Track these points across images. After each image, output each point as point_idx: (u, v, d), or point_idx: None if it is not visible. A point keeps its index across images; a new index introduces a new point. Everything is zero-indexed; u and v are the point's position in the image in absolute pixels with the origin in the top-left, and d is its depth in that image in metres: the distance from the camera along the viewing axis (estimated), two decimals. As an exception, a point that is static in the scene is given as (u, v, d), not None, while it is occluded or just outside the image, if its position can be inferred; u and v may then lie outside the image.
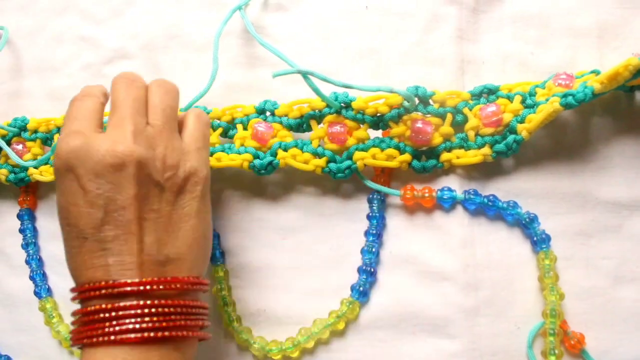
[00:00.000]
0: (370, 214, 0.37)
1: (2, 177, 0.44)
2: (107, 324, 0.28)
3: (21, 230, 0.45)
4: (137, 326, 0.28)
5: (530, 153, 0.37)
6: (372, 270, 0.37)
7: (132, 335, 0.28)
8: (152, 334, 0.28)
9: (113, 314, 0.28)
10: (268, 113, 0.40)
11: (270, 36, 0.42)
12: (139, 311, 0.28)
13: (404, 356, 0.36)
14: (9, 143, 0.44)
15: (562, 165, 0.36)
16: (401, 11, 0.40)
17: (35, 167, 0.43)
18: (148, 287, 0.28)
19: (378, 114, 0.37)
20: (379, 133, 0.38)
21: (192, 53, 0.44)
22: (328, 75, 0.35)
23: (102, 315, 0.28)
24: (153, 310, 0.28)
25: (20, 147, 0.44)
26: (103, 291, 0.28)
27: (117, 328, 0.28)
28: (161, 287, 0.29)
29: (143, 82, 0.33)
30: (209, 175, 0.32)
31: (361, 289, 0.37)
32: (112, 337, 0.28)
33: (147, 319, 0.28)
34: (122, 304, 0.28)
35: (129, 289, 0.28)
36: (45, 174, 0.43)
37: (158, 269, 0.29)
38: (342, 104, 0.37)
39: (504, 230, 0.37)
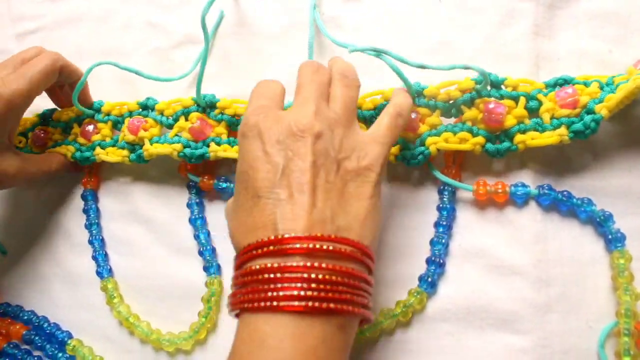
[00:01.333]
0: (441, 205, 0.37)
1: (68, 154, 0.45)
2: (272, 286, 0.27)
3: (85, 211, 0.46)
4: (302, 293, 0.27)
5: (605, 151, 0.36)
6: (441, 261, 0.37)
7: (296, 303, 0.26)
8: (317, 304, 0.27)
9: (279, 275, 0.27)
10: None
11: (341, 26, 0.42)
12: (305, 275, 0.27)
13: (471, 350, 0.36)
14: (81, 123, 0.45)
15: (639, 164, 0.36)
16: (475, 6, 0.40)
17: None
18: (317, 244, 0.28)
19: (450, 100, 0.37)
20: (451, 121, 0.38)
21: (260, 41, 0.44)
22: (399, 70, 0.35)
23: (266, 275, 0.27)
24: (320, 276, 0.27)
25: (91, 127, 0.45)
26: (271, 247, 0.28)
27: (281, 293, 0.27)
28: (330, 247, 0.28)
29: (327, 71, 0.35)
30: (384, 167, 0.32)
31: (429, 279, 0.36)
32: (275, 303, 0.27)
33: (313, 285, 0.27)
34: (288, 263, 0.27)
35: (297, 245, 0.28)
36: (111, 155, 0.44)
37: (327, 230, 0.29)
38: (415, 93, 0.37)
39: (576, 228, 0.36)
